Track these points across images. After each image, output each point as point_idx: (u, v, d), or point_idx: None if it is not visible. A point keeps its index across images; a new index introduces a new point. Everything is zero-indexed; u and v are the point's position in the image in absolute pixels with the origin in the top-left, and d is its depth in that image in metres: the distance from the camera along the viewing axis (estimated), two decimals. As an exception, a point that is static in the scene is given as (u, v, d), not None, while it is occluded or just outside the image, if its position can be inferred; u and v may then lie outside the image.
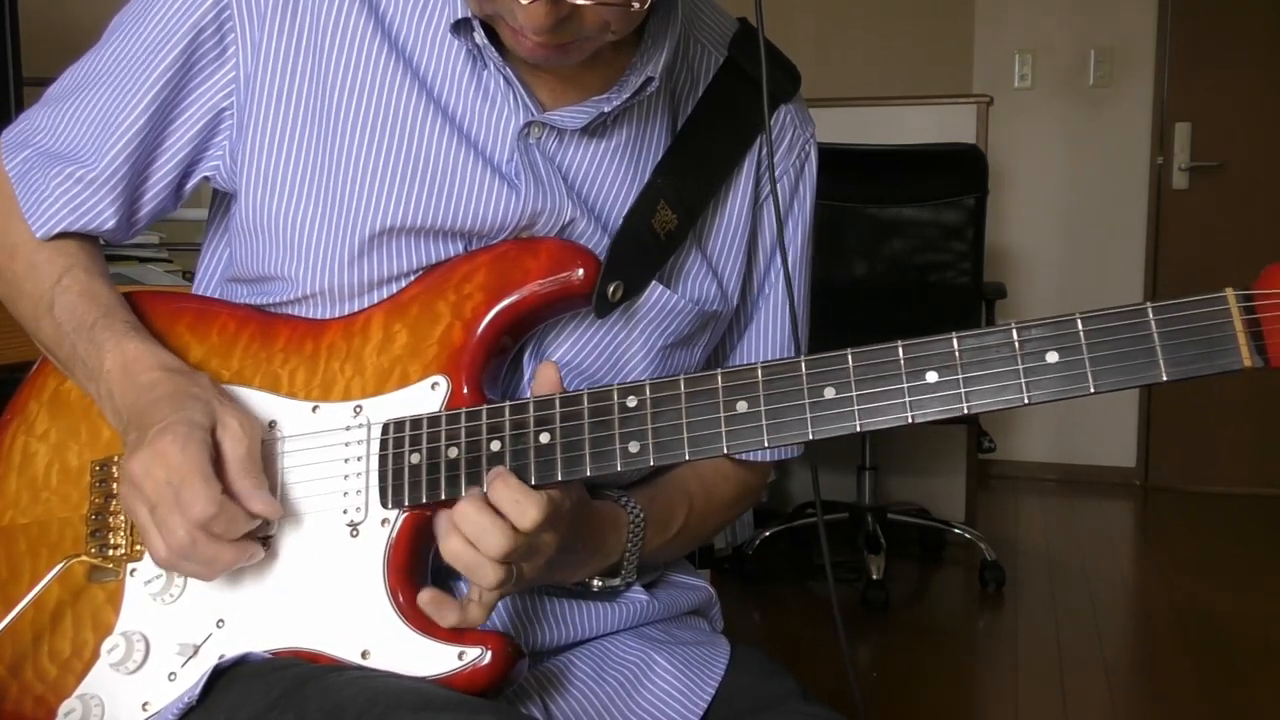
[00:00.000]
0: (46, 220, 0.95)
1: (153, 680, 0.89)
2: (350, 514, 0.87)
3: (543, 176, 0.90)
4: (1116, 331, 0.73)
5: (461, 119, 0.91)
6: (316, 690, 0.79)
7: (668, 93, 0.98)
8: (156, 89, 0.93)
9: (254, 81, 0.92)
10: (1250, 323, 0.71)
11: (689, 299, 0.96)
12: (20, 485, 0.99)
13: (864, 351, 0.77)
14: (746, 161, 1.00)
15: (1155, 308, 0.72)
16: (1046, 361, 0.74)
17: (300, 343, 0.92)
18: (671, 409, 0.80)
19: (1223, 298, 0.72)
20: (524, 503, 0.79)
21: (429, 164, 0.89)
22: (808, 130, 1.05)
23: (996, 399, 0.75)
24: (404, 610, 0.84)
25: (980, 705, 2.88)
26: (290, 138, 0.91)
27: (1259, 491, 4.76)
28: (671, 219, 0.93)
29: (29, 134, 0.98)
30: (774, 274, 1.03)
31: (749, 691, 0.97)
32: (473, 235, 0.91)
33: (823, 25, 4.91)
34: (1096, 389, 0.73)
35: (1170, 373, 0.72)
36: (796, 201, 1.04)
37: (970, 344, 0.76)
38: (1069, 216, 4.98)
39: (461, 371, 0.87)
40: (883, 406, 0.77)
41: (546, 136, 0.91)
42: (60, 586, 0.94)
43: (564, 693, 0.92)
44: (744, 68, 0.98)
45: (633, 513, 0.93)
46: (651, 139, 0.96)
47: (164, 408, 0.85)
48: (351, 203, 0.89)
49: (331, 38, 0.91)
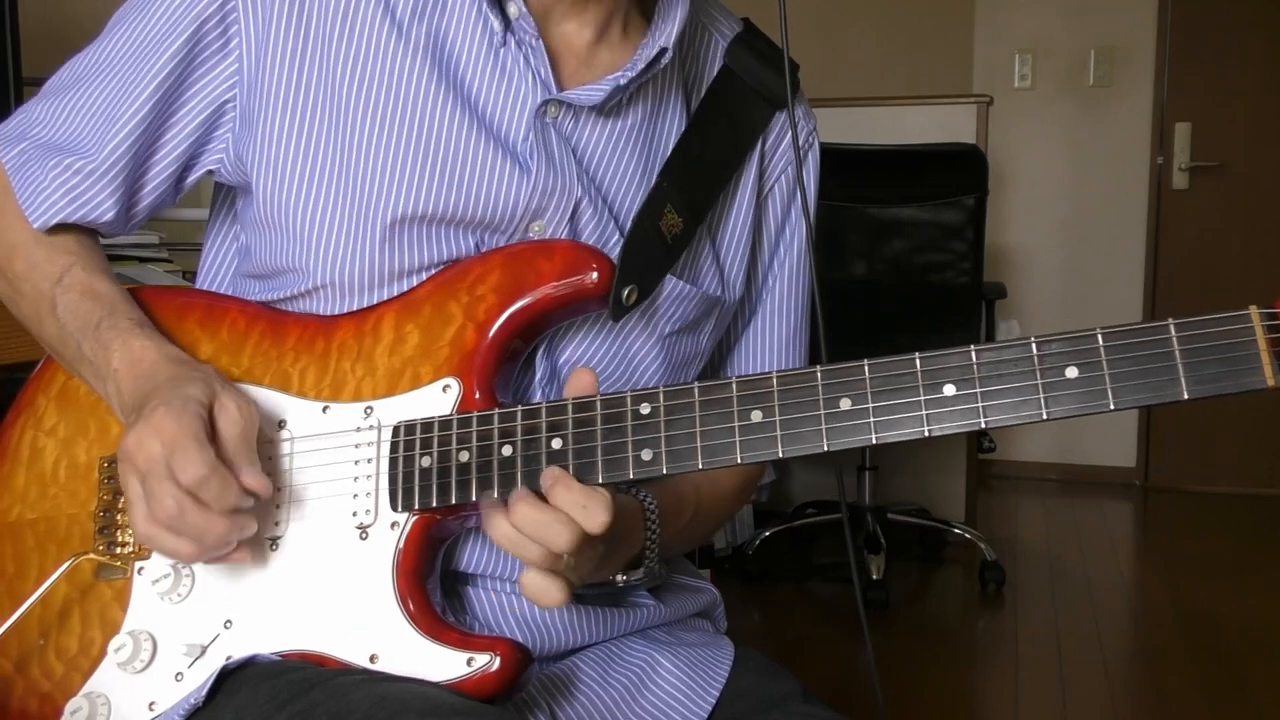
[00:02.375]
0: (44, 211, 0.95)
1: (160, 680, 0.88)
2: (360, 516, 0.86)
3: (555, 156, 0.90)
4: (1138, 348, 0.72)
5: (476, 98, 0.91)
6: (323, 694, 0.79)
7: (680, 76, 0.98)
8: (159, 80, 0.93)
9: (259, 74, 0.91)
10: (1274, 341, 0.70)
11: (695, 285, 0.96)
12: (29, 480, 0.98)
13: (881, 363, 0.77)
14: (750, 159, 1.00)
15: (1178, 324, 0.71)
16: (1066, 377, 0.73)
17: (311, 341, 0.92)
18: (685, 417, 0.79)
19: (1246, 315, 0.71)
20: (591, 507, 0.78)
21: (439, 150, 0.89)
22: (810, 124, 1.05)
23: (1015, 414, 0.74)
24: (413, 615, 0.83)
25: (980, 705, 2.88)
26: (298, 129, 0.91)
27: (1259, 491, 4.76)
28: (678, 222, 0.93)
29: (26, 127, 0.98)
30: (778, 265, 1.04)
31: (750, 692, 0.97)
32: (484, 224, 0.90)
33: (823, 25, 4.91)
34: (1117, 406, 0.72)
35: (1192, 391, 0.71)
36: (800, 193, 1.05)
37: (989, 357, 0.75)
38: (1069, 216, 4.98)
39: (474, 374, 0.86)
40: (899, 419, 0.76)
41: (564, 116, 0.91)
42: (68, 584, 0.94)
43: (570, 696, 0.91)
44: (742, 77, 0.99)
45: (649, 504, 0.93)
46: (666, 120, 0.97)
47: (164, 389, 0.85)
48: (361, 193, 0.89)
49: (340, 26, 0.91)
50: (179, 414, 0.81)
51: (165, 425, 0.81)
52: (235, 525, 0.83)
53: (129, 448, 0.82)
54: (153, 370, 0.88)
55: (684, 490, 0.99)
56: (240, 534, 0.84)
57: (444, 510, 0.85)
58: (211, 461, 0.80)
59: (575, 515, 0.78)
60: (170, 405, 0.82)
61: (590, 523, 0.78)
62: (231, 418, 0.84)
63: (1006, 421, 0.74)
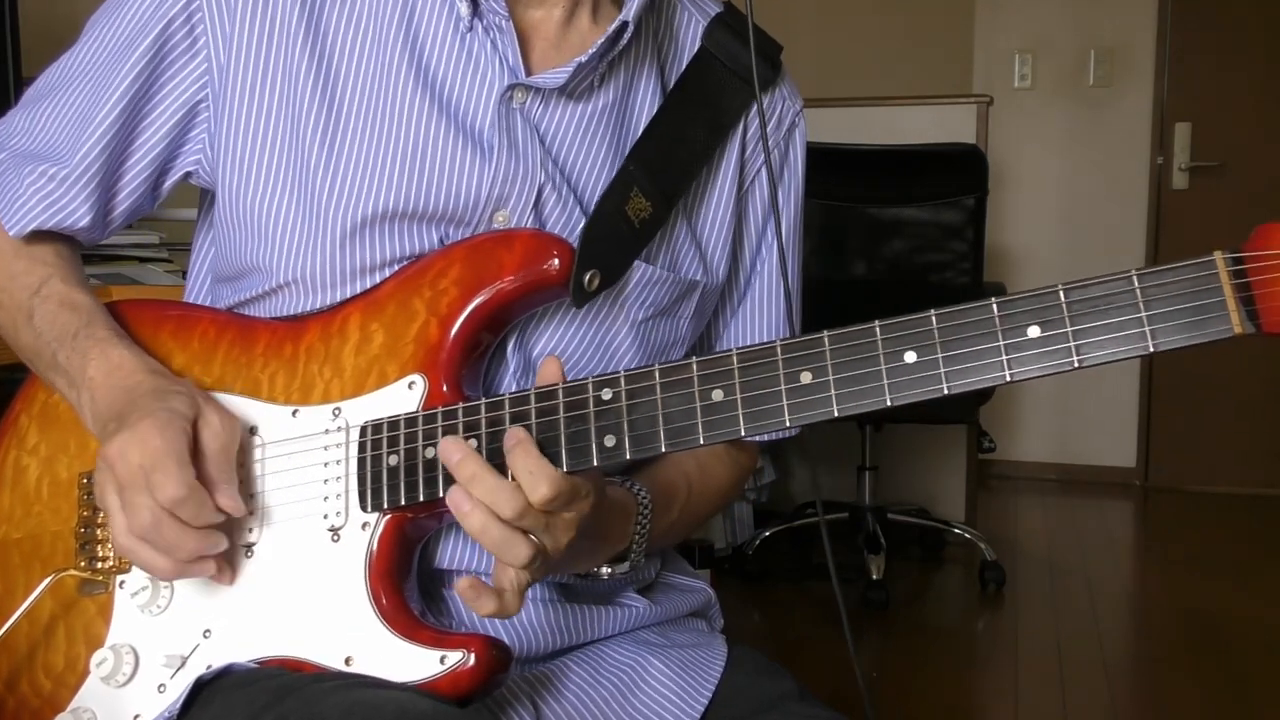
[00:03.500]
0: (20, 219, 0.95)
1: (143, 692, 0.88)
2: (331, 519, 0.86)
3: (519, 142, 0.90)
4: (1101, 302, 0.70)
5: (443, 87, 0.90)
6: (297, 701, 0.78)
7: (654, 55, 0.97)
8: (128, 83, 0.93)
9: (226, 73, 0.91)
10: (1240, 287, 0.67)
11: (668, 269, 0.95)
12: (13, 500, 0.99)
13: (841, 333, 0.75)
14: (730, 141, 0.99)
15: (1141, 274, 0.69)
16: (1028, 336, 0.71)
17: (280, 346, 0.92)
18: (647, 400, 0.78)
19: (1211, 261, 0.68)
20: (537, 474, 0.77)
21: (403, 147, 0.89)
22: (796, 104, 1.04)
23: (978, 377, 0.72)
24: (386, 615, 0.83)
25: (980, 705, 2.88)
26: (260, 126, 0.91)
27: (1259, 491, 4.76)
28: (645, 206, 0.92)
29: (4, 137, 0.98)
30: (765, 250, 1.03)
31: (746, 693, 0.97)
32: (448, 216, 0.90)
33: (822, 25, 4.91)
34: (1081, 363, 0.70)
35: (1158, 343, 0.69)
36: (787, 171, 1.04)
37: (949, 321, 0.73)
38: (1069, 216, 4.98)
39: (439, 369, 0.86)
40: (860, 390, 0.74)
41: (531, 100, 0.91)
42: (52, 600, 0.94)
43: (558, 697, 0.91)
44: (719, 58, 0.98)
45: (641, 497, 0.92)
46: (639, 103, 0.96)
47: (149, 399, 0.85)
48: (323, 191, 0.89)
49: (304, 22, 0.91)
50: (164, 427, 0.82)
51: (149, 437, 0.81)
52: (207, 540, 0.83)
53: (110, 456, 0.82)
54: (132, 380, 0.88)
55: (675, 483, 0.99)
56: (211, 549, 0.84)
57: (414, 508, 0.84)
58: (190, 482, 0.81)
59: (521, 479, 0.77)
60: (155, 417, 0.82)
61: (533, 492, 0.77)
62: (215, 433, 0.84)
63: (970, 385, 0.72)
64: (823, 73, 4.67)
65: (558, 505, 0.78)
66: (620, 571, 0.93)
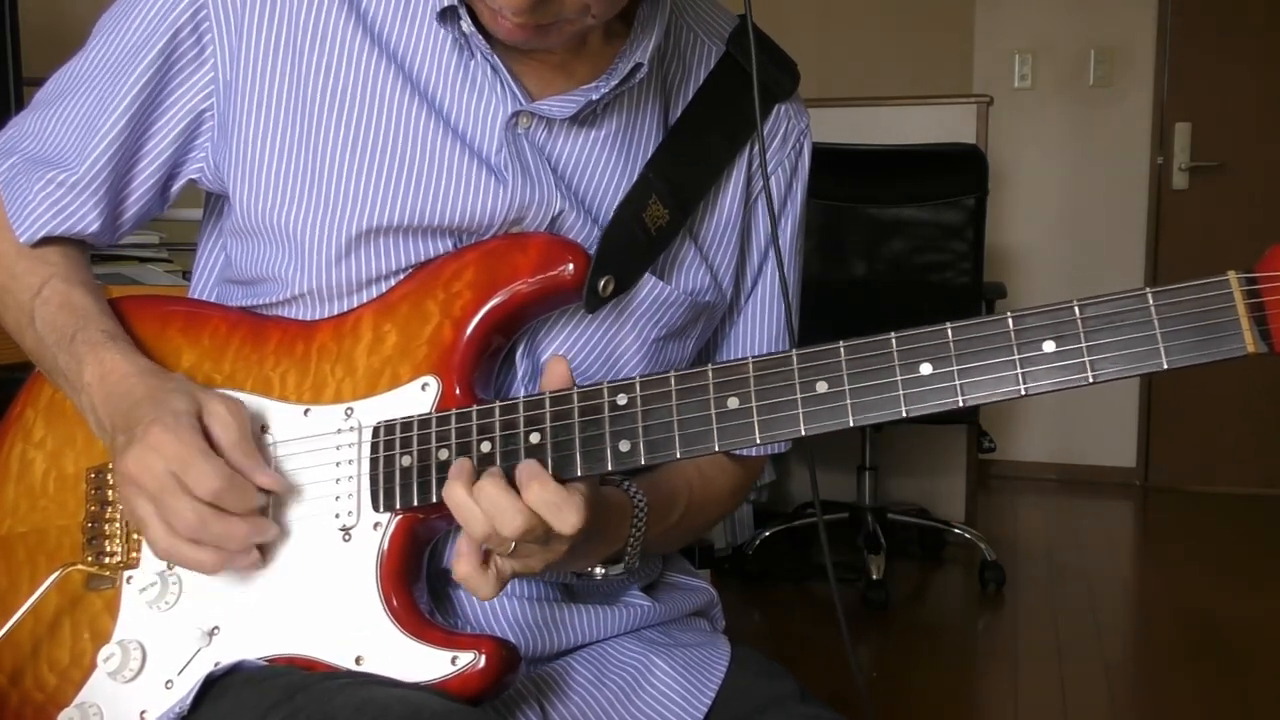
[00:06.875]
0: (30, 225, 0.95)
1: (150, 688, 0.88)
2: (342, 518, 0.86)
3: (530, 168, 0.90)
4: (1116, 319, 0.71)
5: (448, 111, 0.90)
6: (307, 699, 0.79)
7: (659, 81, 0.97)
8: (135, 91, 0.93)
9: (234, 84, 0.91)
10: (1254, 306, 0.68)
11: (682, 290, 0.95)
12: (18, 494, 0.99)
13: (856, 344, 0.76)
14: (740, 156, 0.99)
15: (1155, 293, 0.70)
16: (1043, 351, 0.72)
17: (291, 344, 0.92)
18: (662, 406, 0.79)
19: (1225, 281, 0.69)
20: (565, 508, 0.77)
21: (415, 160, 0.89)
22: (802, 122, 1.04)
23: (992, 390, 0.73)
24: (397, 615, 0.83)
25: (980, 705, 2.88)
26: (273, 138, 0.91)
27: (1259, 491, 4.76)
28: (663, 214, 0.92)
29: (16, 140, 0.98)
30: (766, 267, 1.03)
31: (747, 693, 0.97)
32: (461, 232, 0.90)
33: (823, 25, 4.91)
34: (1095, 378, 0.71)
35: (1171, 360, 0.70)
36: (790, 195, 1.04)
37: (965, 334, 0.74)
38: (1069, 216, 4.98)
39: (452, 371, 0.86)
40: (876, 400, 0.75)
41: (535, 126, 0.91)
42: (58, 595, 0.94)
43: (563, 697, 0.91)
44: (740, 63, 0.98)
45: (637, 499, 0.92)
46: (643, 128, 0.95)
47: (146, 406, 0.85)
48: (337, 202, 0.89)
49: (310, 36, 0.90)
50: (175, 430, 0.82)
51: (165, 443, 0.81)
52: (259, 527, 0.84)
53: (130, 471, 0.82)
54: (125, 385, 0.88)
55: (676, 489, 0.99)
56: (260, 536, 0.85)
57: (426, 509, 0.84)
58: (225, 471, 0.82)
59: (547, 515, 0.77)
60: (163, 422, 0.82)
61: (562, 524, 0.77)
62: (224, 422, 0.84)
63: (985, 398, 0.73)
64: (823, 73, 4.67)
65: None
66: (614, 573, 0.93)
